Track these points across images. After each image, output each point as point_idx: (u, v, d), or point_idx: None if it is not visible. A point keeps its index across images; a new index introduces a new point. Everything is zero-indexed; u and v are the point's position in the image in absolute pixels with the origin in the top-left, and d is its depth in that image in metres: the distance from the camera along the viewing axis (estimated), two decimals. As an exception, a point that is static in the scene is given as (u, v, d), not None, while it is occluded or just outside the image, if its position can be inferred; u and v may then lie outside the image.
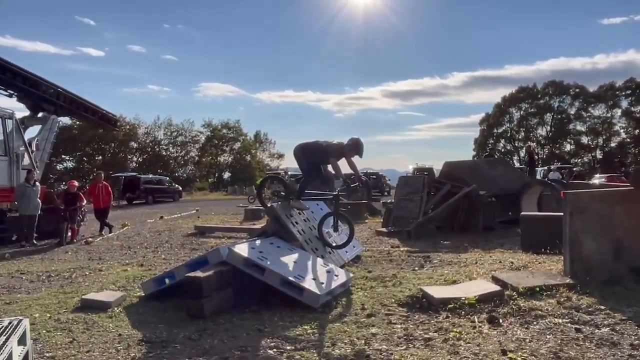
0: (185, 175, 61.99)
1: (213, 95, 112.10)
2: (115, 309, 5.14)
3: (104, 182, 13.86)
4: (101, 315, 4.89)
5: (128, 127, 57.49)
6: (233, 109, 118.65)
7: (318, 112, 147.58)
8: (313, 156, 7.08)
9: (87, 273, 7.34)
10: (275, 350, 3.77)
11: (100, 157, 56.74)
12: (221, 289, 4.87)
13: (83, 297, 5.48)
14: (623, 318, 4.13)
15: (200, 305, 4.61)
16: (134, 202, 30.55)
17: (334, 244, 6.87)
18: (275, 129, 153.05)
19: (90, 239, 11.69)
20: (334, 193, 7.11)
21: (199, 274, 4.73)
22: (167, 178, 38.79)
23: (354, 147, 6.94)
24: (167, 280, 5.48)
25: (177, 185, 37.72)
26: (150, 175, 37.26)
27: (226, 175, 66.74)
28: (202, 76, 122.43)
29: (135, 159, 60.45)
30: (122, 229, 14.15)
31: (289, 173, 39.24)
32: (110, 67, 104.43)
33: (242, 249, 5.23)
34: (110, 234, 12.91)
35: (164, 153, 62.15)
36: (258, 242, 5.85)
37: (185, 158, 64.31)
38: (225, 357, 3.65)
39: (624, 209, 5.44)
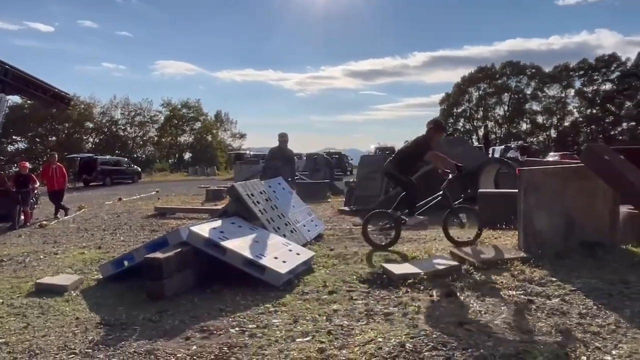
0: (144, 156, 60.60)
1: (171, 74, 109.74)
2: (72, 292, 5.02)
3: (58, 164, 13.40)
4: (57, 300, 4.77)
5: (83, 106, 55.57)
6: (192, 87, 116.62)
7: (280, 91, 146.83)
8: (404, 165, 6.76)
9: (41, 257, 7.12)
10: (237, 329, 3.77)
11: (54, 138, 54.72)
12: (181, 269, 4.81)
13: (38, 281, 5.31)
14: (572, 289, 4.33)
15: (161, 287, 4.56)
16: (91, 184, 29.67)
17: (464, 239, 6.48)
18: (236, 108, 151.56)
19: (44, 222, 11.32)
20: (440, 193, 6.74)
21: (158, 255, 4.66)
22: (126, 159, 37.81)
23: (437, 127, 6.80)
24: (125, 263, 5.38)
25: (136, 167, 36.80)
26: (108, 156, 36.23)
27: (187, 155, 65.66)
28: (158, 54, 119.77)
29: (91, 139, 58.64)
30: (79, 212, 13.76)
31: (252, 154, 38.99)
32: (61, 43, 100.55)
33: (203, 229, 5.18)
34: (65, 217, 12.53)
35: (121, 133, 60.47)
36: (219, 222, 5.79)
37: (144, 138, 62.81)
38: (187, 337, 3.62)
39: (575, 185, 5.65)
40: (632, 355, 2.97)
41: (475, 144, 44.36)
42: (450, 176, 6.72)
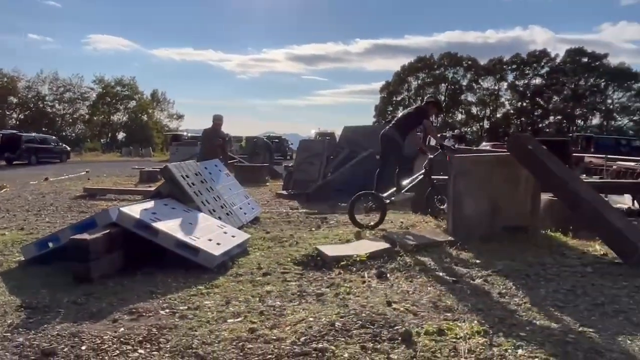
0: (74, 134, 57.78)
1: (104, 49, 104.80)
2: (-10, 275, 4.75)
3: (-23, 140, 12.53)
4: (-27, 282, 4.50)
5: (5, 79, 52.16)
6: (127, 64, 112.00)
7: (220, 72, 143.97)
8: (404, 132, 6.68)
9: (-44, 238, 6.66)
10: (167, 310, 3.72)
11: (-27, 113, 51.11)
12: (110, 251, 4.65)
13: (-49, 263, 4.99)
14: (494, 270, 4.57)
15: (87, 268, 4.38)
16: (14, 162, 27.98)
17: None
18: (174, 88, 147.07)
19: (-39, 202, 10.58)
20: (422, 172, 6.94)
21: (85, 236, 4.48)
22: (54, 137, 35.89)
23: (436, 104, 6.91)
24: (50, 244, 5.12)
25: (64, 145, 35.04)
26: (34, 134, 34.15)
27: (120, 135, 63.23)
28: (90, 27, 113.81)
29: (15, 115, 55.20)
30: (0, 191, 12.95)
31: (189, 135, 38.04)
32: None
33: (134, 210, 5.02)
34: (-15, 197, 11.75)
35: (49, 110, 57.30)
36: (151, 203, 5.64)
37: (74, 116, 59.89)
38: (114, 320, 3.53)
39: (501, 173, 5.92)
40: (544, 331, 3.19)
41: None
42: (430, 155, 7.01)
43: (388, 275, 4.51)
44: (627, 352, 2.91)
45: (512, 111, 66.42)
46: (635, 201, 8.76)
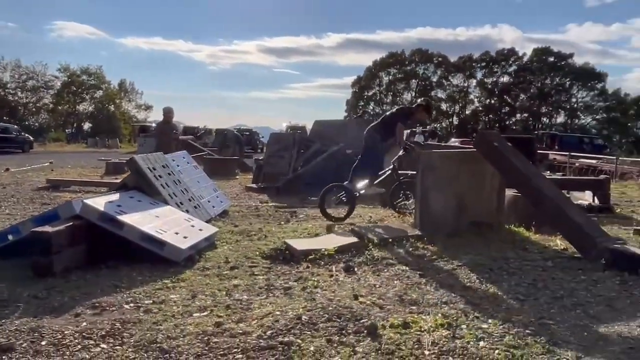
0: (37, 124, 56.10)
1: (69, 36, 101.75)
2: (-55, 268, 4.58)
3: None
4: None
5: (-36, 66, 50.17)
6: (93, 53, 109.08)
7: (190, 63, 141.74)
8: (386, 133, 6.98)
9: None
10: (132, 304, 3.66)
11: None
12: (73, 244, 4.55)
13: None
14: (459, 264, 4.65)
15: (49, 262, 4.27)
16: (-27, 152, 27.01)
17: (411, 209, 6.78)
18: (142, 78, 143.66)
19: None
20: (390, 167, 7.11)
21: (47, 228, 4.37)
22: (16, 126, 34.76)
23: (426, 108, 7.11)
24: (10, 237, 4.97)
25: (27, 135, 33.97)
26: (-6, 123, 33.10)
27: (86, 125, 61.70)
28: (56, 13, 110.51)
29: (-26, 103, 53.25)
30: (-42, 182, 12.48)
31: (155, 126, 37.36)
32: None
33: (98, 202, 4.92)
34: (-59, 187, 11.31)
35: (10, 98, 55.42)
36: (116, 195, 5.53)
37: (38, 105, 58.06)
38: (77, 314, 3.46)
39: (468, 168, 6.02)
40: (505, 323, 3.27)
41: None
42: (400, 153, 7.22)
43: (355, 269, 4.54)
44: (584, 344, 3.01)
45: (480, 108, 67.61)
46: (595, 197, 9.05)
